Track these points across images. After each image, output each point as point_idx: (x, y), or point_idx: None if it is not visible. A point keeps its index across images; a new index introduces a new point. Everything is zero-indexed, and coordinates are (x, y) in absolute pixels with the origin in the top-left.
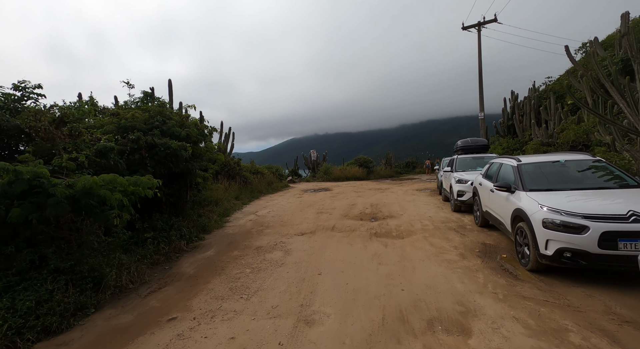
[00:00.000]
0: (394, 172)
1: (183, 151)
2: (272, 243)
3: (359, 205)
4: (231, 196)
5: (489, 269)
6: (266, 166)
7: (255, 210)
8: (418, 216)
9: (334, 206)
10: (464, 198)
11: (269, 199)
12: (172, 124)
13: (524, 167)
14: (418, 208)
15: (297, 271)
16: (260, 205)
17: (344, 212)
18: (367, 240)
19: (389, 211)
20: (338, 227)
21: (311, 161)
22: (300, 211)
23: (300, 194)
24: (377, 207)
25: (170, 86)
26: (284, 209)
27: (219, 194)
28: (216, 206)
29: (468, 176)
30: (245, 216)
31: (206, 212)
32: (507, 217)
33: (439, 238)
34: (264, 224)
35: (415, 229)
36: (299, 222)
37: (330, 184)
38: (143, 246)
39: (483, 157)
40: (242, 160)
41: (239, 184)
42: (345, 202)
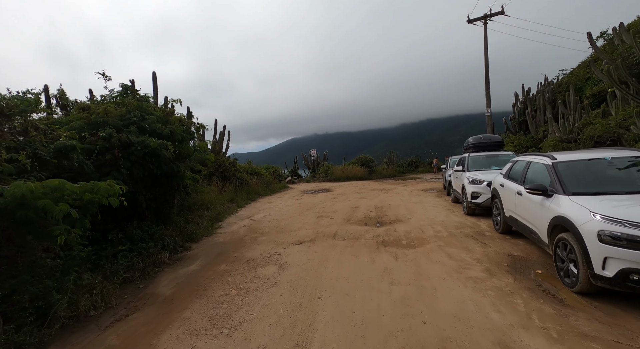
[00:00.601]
0: (396, 172)
1: (164, 150)
2: (265, 254)
3: (363, 208)
4: (225, 198)
5: (526, 290)
6: (264, 166)
7: (251, 214)
8: (428, 220)
9: (336, 209)
10: (479, 200)
11: (266, 202)
12: (153, 120)
13: (562, 166)
14: (427, 211)
15: (292, 292)
16: (256, 208)
17: (347, 216)
18: (374, 250)
19: (396, 214)
20: (340, 234)
21: (311, 161)
22: (299, 214)
23: (300, 195)
24: (382, 210)
25: (155, 80)
26: (281, 213)
27: (212, 197)
28: (207, 211)
29: (483, 176)
30: (240, 221)
31: (196, 218)
32: (543, 226)
33: (456, 248)
34: (259, 231)
35: (428, 237)
36: (297, 228)
37: (331, 185)
38: (115, 260)
39: (498, 155)
40: (239, 160)
41: (234, 186)
42: (347, 205)
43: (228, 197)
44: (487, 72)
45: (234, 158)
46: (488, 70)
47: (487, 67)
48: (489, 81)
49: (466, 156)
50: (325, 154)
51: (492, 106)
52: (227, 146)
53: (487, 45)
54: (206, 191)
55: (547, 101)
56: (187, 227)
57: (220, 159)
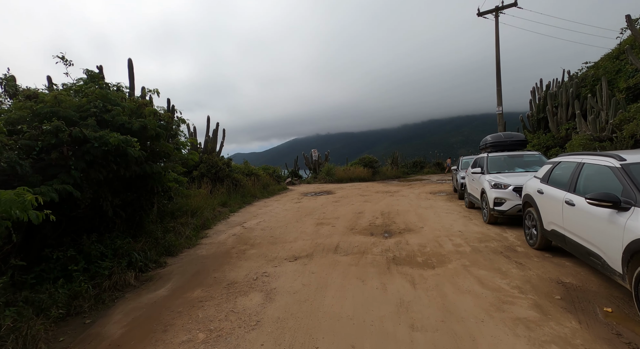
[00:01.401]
0: (401, 173)
1: (131, 148)
2: (251, 275)
3: (367, 213)
4: (217, 202)
5: (604, 344)
6: (262, 166)
7: (244, 220)
8: (444, 230)
9: (337, 215)
10: (503, 208)
11: (262, 205)
12: (118, 111)
13: (639, 169)
14: (440, 218)
15: (277, 341)
16: (250, 213)
17: (350, 223)
18: (385, 271)
19: (405, 221)
20: (343, 248)
21: (312, 161)
22: (296, 221)
23: (299, 198)
24: (389, 216)
25: (131, 67)
26: (277, 219)
27: (201, 201)
28: (193, 217)
29: (507, 179)
30: (229, 229)
31: (178, 226)
32: (613, 250)
33: (486, 269)
34: (249, 242)
35: (447, 252)
36: (293, 238)
37: (332, 187)
38: (56, 285)
39: (522, 155)
40: (241, 160)
41: (227, 188)
42: (350, 210)
43: (220, 200)
44: (498, 67)
45: (229, 158)
46: (499, 66)
47: (498, 62)
48: (500, 77)
49: (484, 156)
50: (327, 154)
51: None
52: (222, 145)
53: (499, 39)
54: (194, 194)
55: (571, 96)
56: (165, 238)
57: (212, 159)
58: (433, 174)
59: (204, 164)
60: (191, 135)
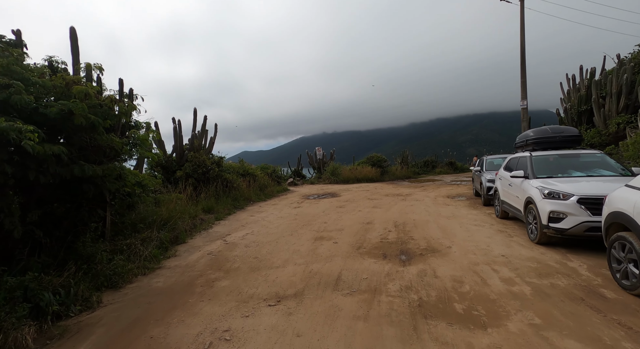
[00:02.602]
0: (411, 173)
1: (28, 141)
2: (205, 336)
3: (378, 223)
4: (200, 208)
5: None
6: (261, 165)
7: (228, 231)
8: (480, 252)
9: (341, 225)
10: (562, 225)
11: (255, 211)
12: (19, 89)
13: None
14: (471, 233)
15: None
16: (239, 221)
17: (356, 238)
18: (411, 336)
19: (426, 237)
20: (346, 280)
21: (316, 160)
22: (290, 234)
23: (300, 201)
24: (404, 228)
25: (74, 38)
26: (268, 230)
27: (179, 207)
28: (162, 230)
29: (568, 187)
30: (207, 244)
31: (135, 244)
32: None
33: (575, 338)
34: (225, 266)
35: (497, 295)
36: (282, 261)
37: (338, 188)
38: None
39: (578, 155)
40: (248, 159)
41: (216, 191)
42: (356, 219)
43: (205, 206)
44: (522, 56)
45: (220, 156)
46: (524, 56)
47: (523, 50)
48: (525, 67)
49: (525, 155)
50: (332, 152)
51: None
52: (212, 141)
53: (524, 25)
54: (167, 199)
55: (625, 84)
56: (110, 265)
57: (199, 157)
58: (445, 174)
59: (189, 163)
60: (148, 127)
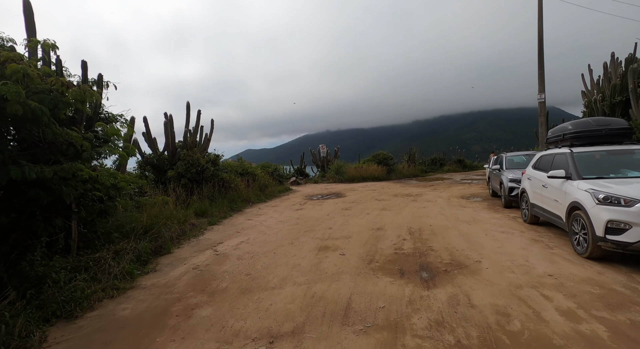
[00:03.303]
0: (418, 171)
1: None
2: None
3: (389, 230)
4: (191, 212)
5: None
6: (261, 164)
7: (221, 238)
8: (520, 270)
9: (349, 232)
10: (626, 238)
11: (254, 214)
12: None
13: None
14: (500, 243)
15: None
16: (235, 226)
17: (366, 248)
18: None
19: (448, 247)
20: (358, 310)
21: (320, 158)
22: (291, 243)
23: (302, 202)
24: (421, 235)
25: (29, 12)
26: (265, 238)
27: (165, 212)
28: (141, 240)
29: (629, 191)
30: (194, 256)
31: (106, 258)
32: None
33: None
34: (210, 286)
35: (564, 339)
36: (279, 279)
37: (343, 187)
38: None
39: (632, 151)
40: (251, 158)
41: (211, 192)
42: (365, 223)
43: (198, 208)
44: (540, 47)
45: (216, 154)
46: (542, 46)
47: (541, 41)
48: (542, 60)
49: (563, 152)
50: (336, 150)
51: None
52: (207, 138)
53: (542, 12)
54: (150, 203)
55: None
56: (65, 289)
57: (192, 155)
58: (454, 173)
59: (182, 162)
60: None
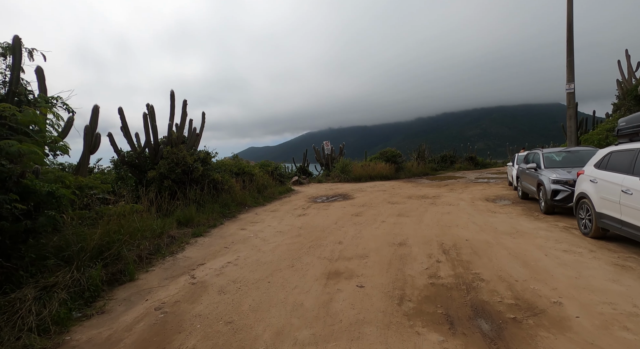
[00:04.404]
0: (428, 169)
1: None
2: None
3: (415, 245)
4: (173, 220)
5: None
6: (261, 162)
7: (203, 258)
8: (637, 325)
9: (364, 249)
10: None
11: (249, 221)
12: None
13: None
14: (573, 269)
15: None
16: (224, 239)
17: (391, 277)
18: None
19: (501, 275)
20: None
21: (324, 155)
22: (291, 265)
23: (305, 206)
24: (459, 256)
25: None
26: (259, 257)
27: (135, 223)
28: (86, 268)
29: None
30: (162, 286)
31: (21, 303)
32: None
33: None
34: (171, 347)
35: None
36: (271, 334)
37: (349, 187)
38: None
39: None
40: (254, 156)
41: (198, 196)
42: (383, 234)
43: (182, 216)
44: (570, 30)
45: (207, 151)
46: (572, 30)
47: (570, 24)
48: (572, 46)
49: None
50: (341, 147)
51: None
52: (195, 133)
53: None
54: (118, 213)
55: None
56: None
57: (178, 153)
58: (466, 171)
59: (165, 160)
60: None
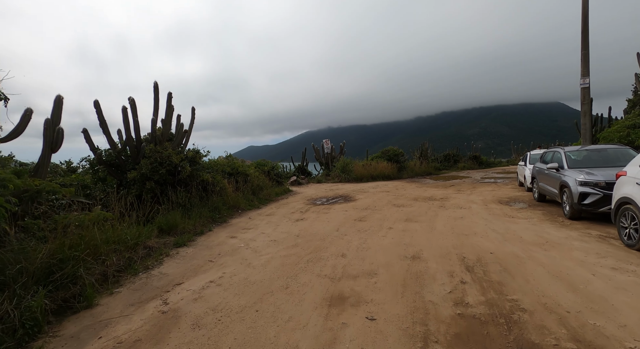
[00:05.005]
0: (432, 168)
1: None
2: None
3: (432, 259)
4: (152, 229)
5: None
6: (257, 161)
7: (182, 275)
8: None
9: (371, 264)
10: None
11: (240, 227)
12: None
13: None
14: (635, 295)
15: None
16: (210, 249)
17: (408, 305)
18: None
19: (547, 303)
20: None
21: (324, 154)
22: (285, 286)
23: (303, 210)
24: (487, 274)
25: None
26: (247, 275)
27: (104, 233)
28: (30, 294)
29: None
30: (124, 317)
31: None
32: None
33: None
34: None
35: None
36: None
37: (350, 188)
38: None
39: None
40: (253, 156)
41: (185, 199)
42: (391, 244)
43: (164, 222)
44: (585, 21)
45: (196, 150)
46: (587, 21)
47: (585, 14)
48: (587, 39)
49: None
50: (342, 145)
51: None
52: (183, 129)
53: None
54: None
55: None
56: None
57: (162, 152)
58: (470, 170)
59: (147, 159)
60: None
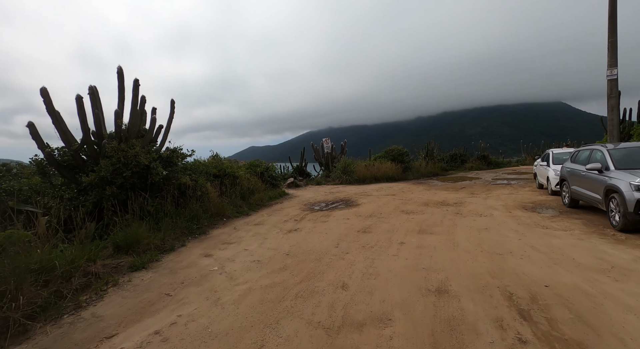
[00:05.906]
0: (438, 169)
1: None
2: None
3: (465, 294)
4: (97, 250)
5: None
6: (249, 162)
7: (121, 319)
8: None
9: (383, 303)
10: None
11: (220, 242)
12: None
13: None
14: None
15: None
16: (174, 275)
17: None
18: None
19: None
20: None
21: (324, 154)
22: (259, 344)
23: (299, 217)
24: (556, 328)
25: None
26: (210, 321)
27: (20, 259)
28: None
29: None
30: None
31: None
32: None
33: None
34: None
35: None
36: None
37: (352, 191)
38: None
39: None
40: (253, 156)
41: (157, 206)
42: (406, 270)
43: (122, 239)
44: (613, 6)
45: (173, 148)
46: (615, 6)
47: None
48: (615, 24)
49: None
50: (343, 145)
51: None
52: (155, 124)
53: None
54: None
55: None
56: None
57: (127, 151)
58: (479, 170)
59: (108, 160)
60: None
